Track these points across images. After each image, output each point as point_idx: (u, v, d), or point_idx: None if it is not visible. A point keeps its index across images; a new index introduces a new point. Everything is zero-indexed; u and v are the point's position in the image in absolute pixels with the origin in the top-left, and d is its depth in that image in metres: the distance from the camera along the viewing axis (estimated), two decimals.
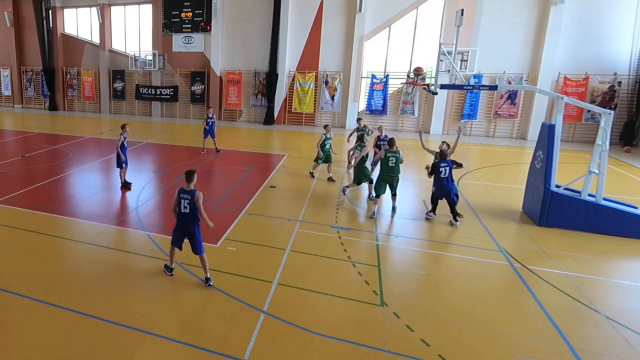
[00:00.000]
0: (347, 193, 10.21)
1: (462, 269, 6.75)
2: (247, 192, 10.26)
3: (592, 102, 17.24)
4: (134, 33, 25.86)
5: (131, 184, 10.55)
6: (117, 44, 26.26)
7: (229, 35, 22.94)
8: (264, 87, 22.42)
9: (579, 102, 9.06)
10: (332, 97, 21.46)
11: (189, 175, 5.90)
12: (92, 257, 6.88)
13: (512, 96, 18.81)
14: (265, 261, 6.73)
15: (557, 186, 8.38)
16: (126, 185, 10.47)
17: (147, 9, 24.74)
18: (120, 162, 10.37)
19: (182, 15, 23.61)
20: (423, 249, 7.49)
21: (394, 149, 8.86)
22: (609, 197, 8.32)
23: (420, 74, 12.65)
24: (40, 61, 27.11)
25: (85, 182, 11.44)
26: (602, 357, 4.61)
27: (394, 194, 9.00)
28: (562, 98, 8.36)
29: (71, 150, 15.23)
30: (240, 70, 22.92)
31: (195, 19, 23.40)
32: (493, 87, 10.35)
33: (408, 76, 19.65)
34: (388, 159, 8.84)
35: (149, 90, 25.14)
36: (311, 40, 21.43)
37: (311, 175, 11.86)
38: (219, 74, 23.27)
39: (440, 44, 11.00)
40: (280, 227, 8.18)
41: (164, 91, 24.76)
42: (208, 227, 5.84)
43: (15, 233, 7.80)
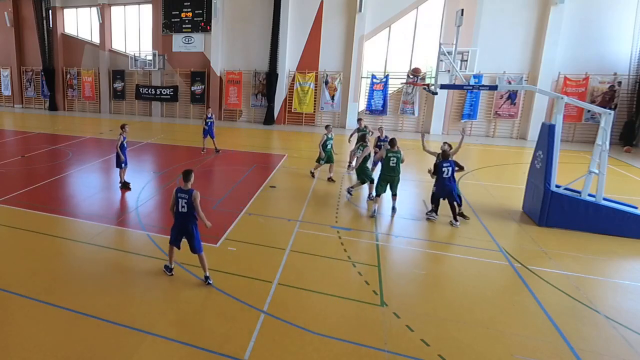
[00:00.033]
0: (352, 194, 10.17)
1: (462, 269, 6.75)
2: (247, 192, 10.26)
3: (592, 102, 17.24)
4: (134, 33, 25.87)
5: (129, 184, 10.55)
6: (117, 44, 26.27)
7: (229, 35, 22.95)
8: (264, 87, 22.43)
9: (579, 102, 9.06)
10: (332, 97, 21.46)
11: (186, 175, 5.91)
12: (92, 257, 6.88)
13: (512, 96, 18.81)
14: (265, 261, 6.73)
15: (557, 186, 8.38)
16: (125, 185, 10.47)
17: (147, 9, 24.75)
18: (119, 162, 10.37)
19: (182, 15, 23.62)
20: (423, 249, 7.49)
21: (395, 148, 8.86)
22: (609, 197, 8.32)
23: (418, 75, 12.66)
24: (40, 61, 27.11)
25: (85, 182, 11.45)
26: (602, 357, 4.61)
27: (394, 194, 9.01)
28: (562, 98, 8.36)
29: (71, 150, 15.23)
30: (240, 70, 22.92)
31: (195, 19, 23.40)
32: (493, 87, 10.35)
33: (408, 76, 19.63)
34: (389, 158, 8.83)
35: (149, 90, 25.15)
36: (311, 40, 21.43)
37: (312, 175, 11.83)
38: (219, 74, 23.28)
39: (440, 44, 11.00)
40: (280, 227, 8.18)
41: (164, 91, 24.76)
42: (206, 226, 5.85)
43: (15, 233, 7.80)
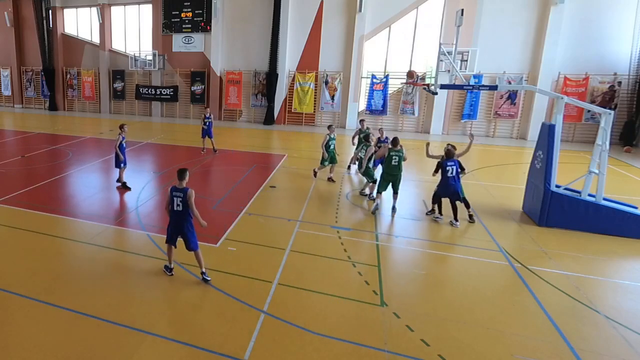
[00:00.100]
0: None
1: (462, 269, 6.75)
2: (247, 192, 10.26)
3: (592, 102, 17.25)
4: (134, 33, 25.87)
5: (126, 183, 10.50)
6: (117, 44, 26.27)
7: (229, 35, 22.94)
8: (264, 87, 22.42)
9: (579, 102, 9.06)
10: (332, 97, 21.46)
11: (181, 173, 5.93)
12: (92, 257, 6.88)
13: (512, 96, 18.81)
14: (265, 261, 6.72)
15: (557, 186, 8.38)
16: (124, 185, 10.46)
17: (147, 9, 24.75)
18: (118, 162, 10.37)
19: (182, 15, 23.62)
20: (423, 249, 7.49)
21: (398, 147, 8.85)
22: (609, 197, 8.32)
23: (412, 78, 12.68)
24: (40, 61, 27.12)
25: (85, 182, 11.44)
26: (602, 357, 4.61)
27: (395, 192, 8.98)
28: (562, 98, 8.36)
29: (71, 150, 15.23)
30: (240, 70, 22.92)
31: (195, 19, 23.40)
32: (493, 87, 10.35)
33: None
34: (391, 157, 8.82)
35: (149, 90, 25.15)
36: (311, 40, 21.43)
37: (314, 174, 11.61)
38: (219, 74, 23.28)
39: (440, 44, 11.00)
40: (280, 227, 8.18)
41: (164, 91, 24.76)
42: (201, 225, 5.84)
43: (15, 233, 7.80)
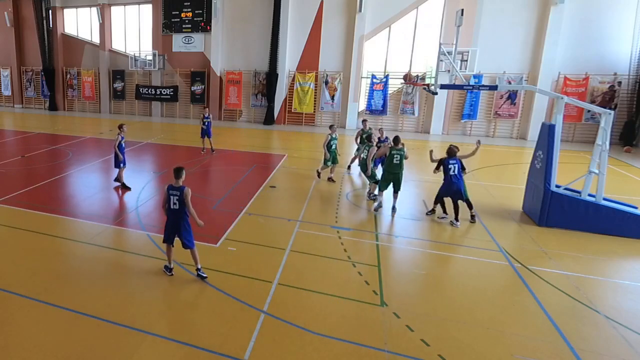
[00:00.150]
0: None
1: (462, 269, 6.75)
2: (247, 192, 10.26)
3: (592, 102, 17.24)
4: (134, 33, 25.87)
5: (125, 183, 10.51)
6: (117, 44, 26.27)
7: (229, 35, 22.94)
8: (264, 87, 22.42)
9: (579, 102, 9.06)
10: (332, 97, 21.46)
11: (178, 172, 5.93)
12: (92, 257, 6.88)
13: (512, 96, 18.81)
14: (265, 261, 6.72)
15: (557, 186, 8.37)
16: (124, 186, 10.46)
17: (147, 9, 24.75)
18: (118, 162, 10.36)
19: (182, 15, 23.62)
20: (423, 249, 7.49)
21: (399, 146, 8.85)
22: (609, 197, 8.32)
23: (410, 81, 12.71)
24: (40, 61, 27.12)
25: (85, 182, 11.44)
26: (602, 357, 4.61)
27: (396, 191, 8.96)
28: (562, 98, 8.36)
29: (71, 150, 15.22)
30: (240, 70, 22.92)
31: (195, 19, 23.40)
32: (493, 87, 10.36)
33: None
34: (393, 156, 8.82)
35: (149, 90, 25.15)
36: (311, 40, 21.43)
37: (317, 175, 11.52)
38: (219, 74, 23.28)
39: (440, 44, 11.01)
40: (280, 227, 8.18)
41: (164, 91, 24.76)
42: (197, 225, 5.84)
43: (15, 233, 7.79)
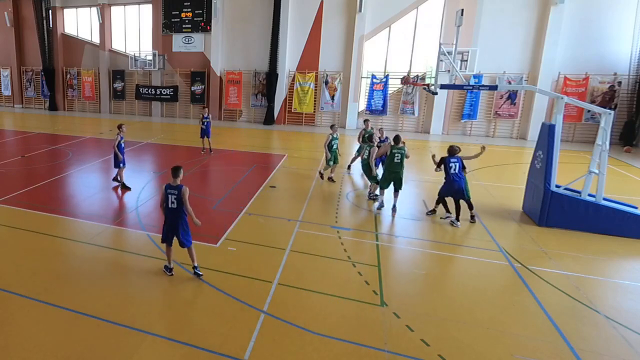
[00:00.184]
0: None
1: (462, 269, 6.76)
2: (247, 192, 10.26)
3: (592, 102, 17.24)
4: (134, 33, 25.86)
5: (124, 183, 10.50)
6: (117, 44, 26.27)
7: (229, 35, 22.94)
8: (264, 87, 22.42)
9: (579, 102, 9.06)
10: (332, 97, 21.46)
11: (175, 171, 5.94)
12: (92, 257, 6.88)
13: (512, 96, 18.81)
14: (265, 261, 6.72)
15: (557, 186, 8.37)
16: (124, 186, 10.46)
17: (147, 9, 24.75)
18: (117, 162, 10.37)
19: (182, 15, 23.62)
20: (423, 249, 7.49)
21: (400, 145, 8.85)
22: (609, 197, 8.32)
23: (408, 83, 12.73)
24: (40, 61, 27.11)
25: (85, 182, 11.44)
26: (602, 357, 4.61)
27: (397, 190, 8.95)
28: (562, 98, 8.36)
29: (71, 150, 15.22)
30: (240, 70, 22.92)
31: (195, 19, 23.40)
32: (493, 87, 10.36)
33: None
34: (394, 155, 8.83)
35: (149, 90, 25.14)
36: (311, 40, 21.43)
37: (320, 176, 11.48)
38: (219, 74, 23.27)
39: (440, 44, 11.01)
40: (280, 227, 8.18)
41: (164, 91, 24.76)
42: (195, 224, 5.84)
43: (15, 233, 7.79)
